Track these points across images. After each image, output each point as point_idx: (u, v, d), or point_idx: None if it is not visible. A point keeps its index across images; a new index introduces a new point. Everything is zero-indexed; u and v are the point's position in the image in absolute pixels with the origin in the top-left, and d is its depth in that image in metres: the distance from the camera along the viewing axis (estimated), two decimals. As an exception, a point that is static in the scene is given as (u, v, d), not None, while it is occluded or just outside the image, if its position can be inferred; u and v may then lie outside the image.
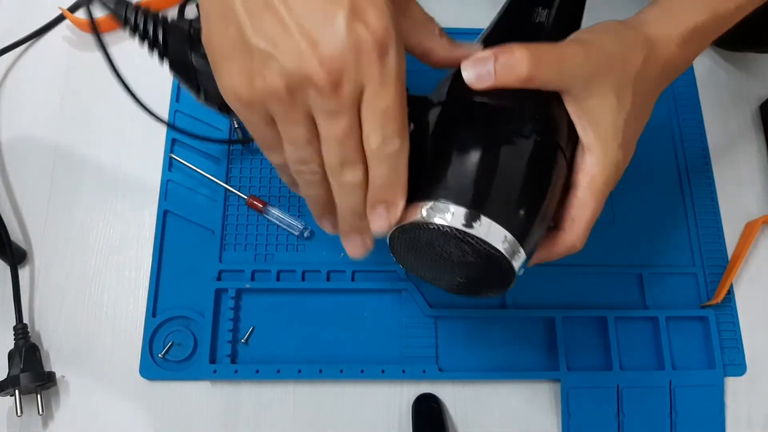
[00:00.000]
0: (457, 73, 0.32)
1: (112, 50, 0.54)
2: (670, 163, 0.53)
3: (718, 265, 0.51)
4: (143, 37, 0.38)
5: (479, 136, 0.31)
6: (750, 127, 0.56)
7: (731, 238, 0.52)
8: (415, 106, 0.32)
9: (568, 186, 0.34)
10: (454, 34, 0.34)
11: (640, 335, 0.48)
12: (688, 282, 0.50)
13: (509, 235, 0.30)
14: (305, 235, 0.49)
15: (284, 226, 0.49)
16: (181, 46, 0.38)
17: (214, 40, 0.28)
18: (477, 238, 0.29)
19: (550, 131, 0.32)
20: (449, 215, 0.29)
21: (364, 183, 0.30)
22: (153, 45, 0.38)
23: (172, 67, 0.39)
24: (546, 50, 0.31)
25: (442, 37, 0.33)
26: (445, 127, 0.32)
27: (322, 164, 0.30)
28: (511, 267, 0.30)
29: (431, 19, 0.33)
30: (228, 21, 0.27)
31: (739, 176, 0.54)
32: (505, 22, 0.38)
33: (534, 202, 0.31)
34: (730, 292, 0.50)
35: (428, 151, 0.32)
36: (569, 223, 0.34)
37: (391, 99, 0.28)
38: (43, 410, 0.44)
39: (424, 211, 0.30)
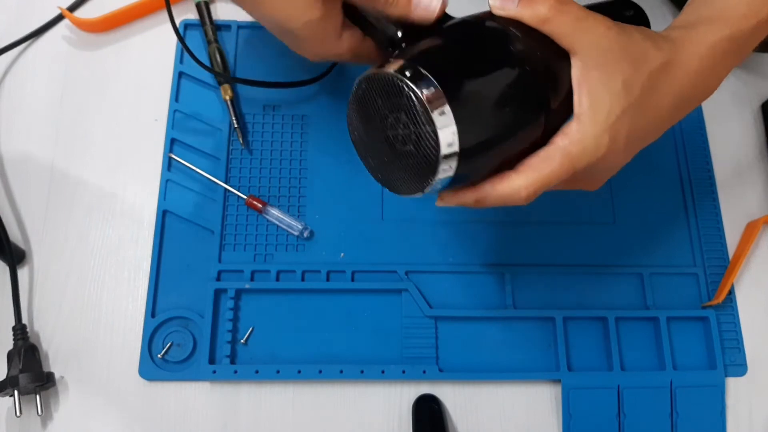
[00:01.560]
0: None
1: (112, 50, 0.55)
2: (671, 163, 0.53)
3: (719, 266, 0.50)
4: None
5: (481, 43, 0.33)
6: (751, 126, 0.56)
7: (732, 238, 0.52)
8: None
9: (538, 144, 0.34)
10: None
11: (640, 336, 0.48)
12: (689, 282, 0.50)
13: (456, 144, 0.30)
14: (305, 235, 0.49)
15: (284, 227, 0.49)
16: None
17: None
18: (432, 123, 0.29)
19: (545, 77, 0.33)
20: (421, 86, 0.29)
21: None
22: None
23: None
24: (573, 6, 0.32)
25: None
26: (462, 27, 0.34)
27: None
28: (436, 171, 0.30)
29: None
30: None
31: (740, 176, 0.54)
32: None
33: (497, 121, 0.32)
34: (731, 293, 0.50)
35: (446, 40, 0.34)
36: (524, 168, 0.33)
37: None
38: (42, 411, 0.43)
39: (406, 71, 0.30)
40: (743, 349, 0.48)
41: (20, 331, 0.45)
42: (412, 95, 0.30)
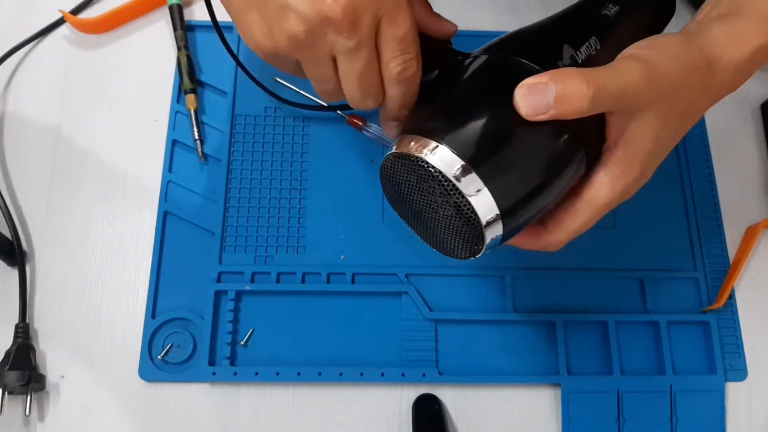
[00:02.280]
0: (509, 35, 0.34)
1: (112, 50, 0.55)
2: (672, 166, 0.53)
3: (720, 270, 0.50)
4: None
5: (505, 103, 0.30)
6: (751, 127, 0.56)
7: (732, 242, 0.52)
8: (441, 52, 0.34)
9: (572, 189, 0.33)
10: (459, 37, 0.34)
11: (640, 340, 0.48)
12: (689, 286, 0.50)
13: (495, 207, 0.29)
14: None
15: (384, 143, 0.51)
16: None
17: None
18: (463, 194, 0.29)
19: (578, 129, 0.31)
20: (446, 161, 0.29)
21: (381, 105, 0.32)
22: None
23: None
24: (606, 80, 0.29)
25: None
26: (477, 80, 0.32)
27: (341, 92, 0.32)
28: (483, 237, 0.30)
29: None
30: None
31: (740, 179, 0.54)
32: (575, 11, 0.38)
33: (533, 189, 0.30)
34: (732, 297, 0.50)
35: (451, 95, 0.32)
36: (556, 225, 0.33)
37: (407, 26, 0.29)
38: (29, 411, 0.43)
39: (425, 149, 0.29)
40: (743, 353, 0.48)
41: (22, 329, 0.45)
42: (441, 177, 0.29)
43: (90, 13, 0.56)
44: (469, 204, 0.29)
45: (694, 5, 0.59)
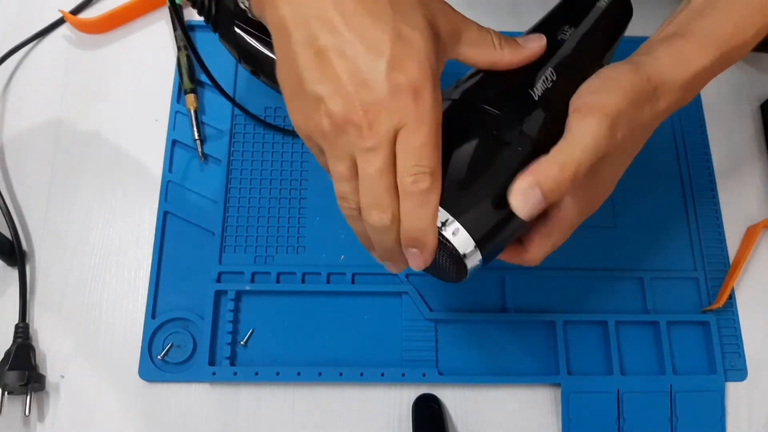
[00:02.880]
0: (474, 75, 0.35)
1: (112, 50, 0.55)
2: (672, 167, 0.53)
3: (720, 270, 0.50)
4: (200, 11, 0.48)
5: (473, 154, 0.33)
6: (751, 127, 0.56)
7: (733, 242, 0.52)
8: None
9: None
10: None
11: (640, 340, 0.48)
12: (690, 286, 0.50)
13: (472, 243, 0.31)
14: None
15: None
16: (227, 20, 0.47)
17: (283, 81, 0.32)
18: (445, 237, 0.31)
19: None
20: None
21: (394, 226, 0.31)
22: (207, 18, 0.48)
23: (221, 37, 0.49)
24: (577, 156, 0.31)
25: (503, 47, 0.34)
26: (448, 131, 0.33)
27: (359, 203, 0.32)
28: (465, 266, 0.32)
29: (488, 33, 0.34)
30: (291, 68, 0.31)
31: (740, 179, 0.54)
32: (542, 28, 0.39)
33: (505, 222, 0.32)
34: (732, 297, 0.50)
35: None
36: (531, 245, 0.36)
37: (425, 137, 0.30)
38: (29, 411, 0.43)
39: None
40: (743, 353, 0.48)
41: (22, 329, 0.45)
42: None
43: (90, 13, 0.56)
44: (449, 241, 0.31)
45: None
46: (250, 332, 0.47)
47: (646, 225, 0.51)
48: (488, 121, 0.33)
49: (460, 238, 0.31)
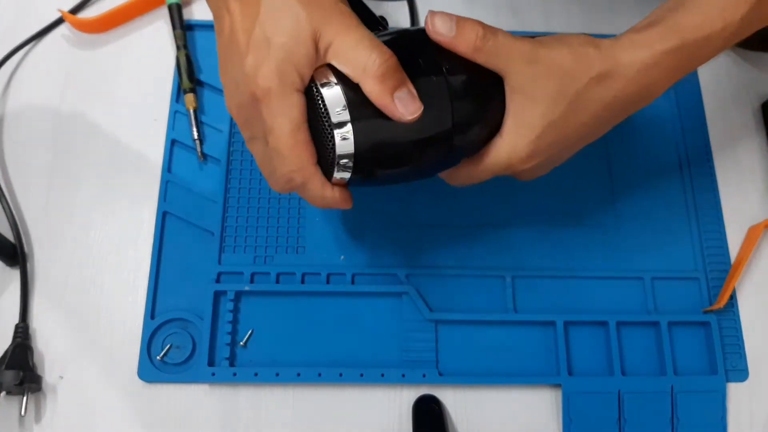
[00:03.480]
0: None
1: (111, 49, 0.55)
2: (673, 166, 0.53)
3: (721, 270, 0.50)
4: None
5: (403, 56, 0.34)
6: (752, 127, 0.56)
7: (734, 242, 0.51)
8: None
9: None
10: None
11: (641, 340, 0.48)
12: (691, 287, 0.50)
13: (350, 137, 0.33)
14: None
15: None
16: None
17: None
18: (332, 124, 0.33)
19: (452, 90, 0.35)
20: (326, 88, 0.33)
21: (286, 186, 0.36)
22: None
23: None
24: (501, 38, 0.34)
25: (368, 76, 0.34)
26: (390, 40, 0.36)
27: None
28: (334, 160, 0.34)
29: (363, 56, 0.33)
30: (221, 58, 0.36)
31: (742, 179, 0.54)
32: None
33: (394, 132, 0.34)
34: (733, 297, 0.49)
35: None
36: (446, 176, 0.40)
37: (283, 140, 0.33)
38: (25, 412, 0.43)
39: (325, 80, 0.34)
40: (744, 354, 0.48)
41: (21, 330, 0.45)
42: (318, 97, 0.34)
43: (89, 13, 0.56)
44: (332, 136, 0.33)
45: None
46: (249, 333, 0.47)
47: (647, 225, 0.51)
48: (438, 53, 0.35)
49: (345, 142, 0.33)
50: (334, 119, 0.33)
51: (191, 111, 0.51)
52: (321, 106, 0.33)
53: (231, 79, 0.35)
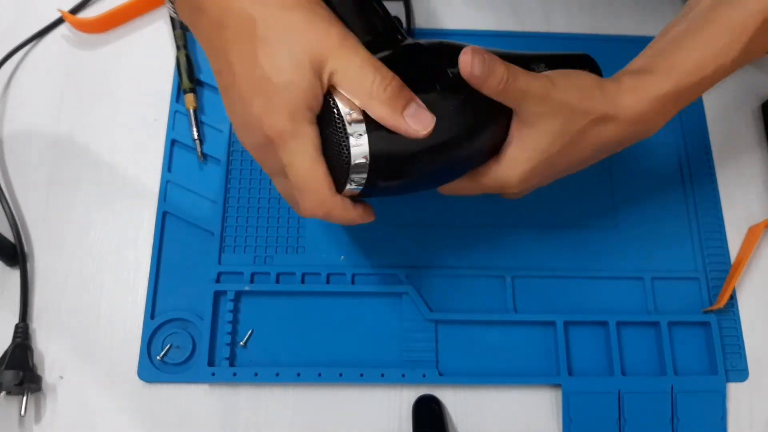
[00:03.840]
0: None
1: (111, 49, 0.55)
2: (673, 166, 0.53)
3: (721, 270, 0.50)
4: None
5: (419, 74, 0.35)
6: (752, 127, 0.56)
7: (734, 242, 0.51)
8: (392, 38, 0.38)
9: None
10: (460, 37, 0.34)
11: (641, 340, 0.48)
12: (691, 287, 0.50)
13: (365, 147, 0.33)
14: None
15: None
16: None
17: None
18: (343, 123, 0.33)
19: (468, 111, 0.36)
20: (341, 99, 0.33)
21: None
22: None
23: None
24: (522, 81, 0.35)
25: (376, 98, 0.34)
26: (409, 53, 0.37)
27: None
28: (348, 170, 0.34)
29: (368, 77, 0.34)
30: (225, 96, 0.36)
31: (742, 179, 0.54)
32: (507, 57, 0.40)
33: (408, 149, 0.34)
34: (733, 297, 0.49)
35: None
36: (444, 189, 0.40)
37: (297, 180, 0.34)
38: (24, 411, 0.43)
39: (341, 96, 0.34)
40: (744, 354, 0.48)
41: (21, 330, 0.45)
42: (334, 107, 0.33)
43: (89, 13, 0.56)
44: (348, 146, 0.33)
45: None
46: (249, 333, 0.47)
47: (647, 225, 0.51)
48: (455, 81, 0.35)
49: (361, 146, 0.33)
50: (350, 131, 0.33)
51: (191, 111, 0.51)
52: (337, 118, 0.33)
53: (240, 121, 0.35)
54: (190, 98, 0.51)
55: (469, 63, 0.34)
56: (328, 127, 0.34)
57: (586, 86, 0.37)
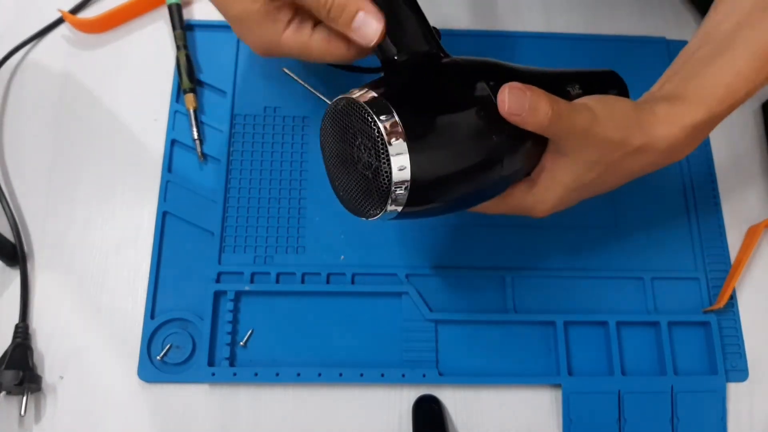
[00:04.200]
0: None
1: (111, 49, 0.55)
2: (673, 166, 0.53)
3: (721, 270, 0.50)
4: None
5: (456, 95, 0.35)
6: (752, 127, 0.56)
7: (734, 242, 0.51)
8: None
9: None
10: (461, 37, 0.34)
11: (641, 340, 0.48)
12: (691, 287, 0.50)
13: (408, 168, 0.32)
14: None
15: None
16: None
17: None
18: (388, 156, 0.32)
19: (509, 145, 0.35)
20: (383, 117, 0.32)
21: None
22: None
23: None
24: (564, 112, 0.34)
25: (331, 12, 0.38)
26: (450, 72, 0.36)
27: None
28: (386, 202, 0.33)
29: None
30: None
31: (741, 178, 0.54)
32: (544, 76, 0.40)
33: (451, 166, 0.34)
34: (733, 297, 0.49)
35: (422, 75, 0.36)
36: (479, 208, 0.39)
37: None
38: (24, 411, 0.43)
39: (368, 95, 0.33)
40: (744, 354, 0.48)
41: (21, 330, 0.45)
42: (374, 126, 0.32)
43: (89, 13, 0.56)
44: (389, 167, 0.32)
45: (696, 6, 0.59)
46: (249, 333, 0.47)
47: (647, 225, 0.51)
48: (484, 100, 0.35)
49: (401, 170, 0.32)
50: (392, 151, 0.32)
51: (191, 111, 0.51)
52: (377, 135, 0.32)
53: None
54: (190, 98, 0.51)
55: (505, 102, 0.33)
56: (351, 139, 0.33)
57: (624, 117, 0.37)
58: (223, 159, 0.51)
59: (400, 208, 0.33)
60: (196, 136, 0.51)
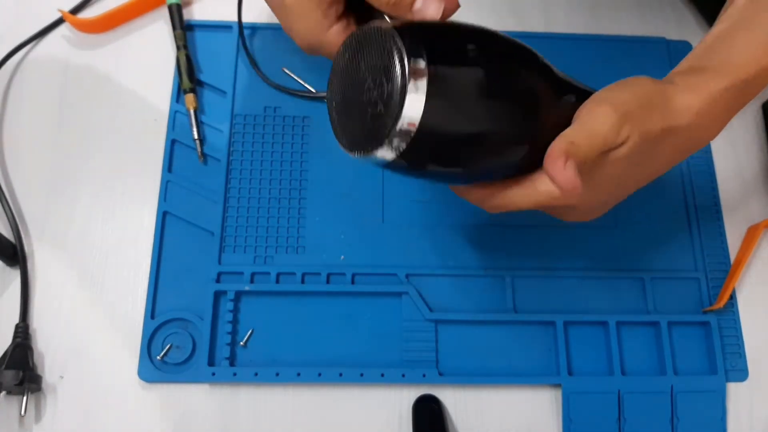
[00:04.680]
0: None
1: (111, 49, 0.55)
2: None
3: (721, 270, 0.50)
4: None
5: (496, 57, 0.33)
6: (752, 126, 0.56)
7: (734, 242, 0.51)
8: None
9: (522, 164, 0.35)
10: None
11: (641, 340, 0.48)
12: (690, 287, 0.50)
13: (418, 117, 0.29)
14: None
15: None
16: None
17: None
18: (405, 89, 0.29)
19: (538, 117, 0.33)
20: (411, 57, 0.29)
21: None
22: None
23: None
24: (582, 140, 0.32)
25: None
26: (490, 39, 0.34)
27: None
28: (393, 126, 0.30)
29: None
30: None
31: (741, 178, 0.54)
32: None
33: (469, 124, 0.31)
34: (733, 297, 0.49)
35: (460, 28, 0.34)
36: (500, 192, 0.36)
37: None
38: (24, 411, 0.43)
39: (404, 33, 0.30)
40: (744, 354, 0.48)
41: (21, 330, 0.45)
42: (396, 59, 0.29)
43: (89, 13, 0.56)
44: (402, 101, 0.29)
45: (696, 6, 0.59)
46: (249, 333, 0.47)
47: (646, 225, 0.51)
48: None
49: (413, 107, 0.29)
50: (411, 87, 0.29)
51: (191, 111, 0.51)
52: (396, 63, 0.29)
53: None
54: (190, 98, 0.51)
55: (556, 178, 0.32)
56: (367, 72, 0.31)
57: (640, 91, 0.35)
58: (223, 159, 0.51)
59: (396, 154, 0.31)
60: (196, 136, 0.51)
